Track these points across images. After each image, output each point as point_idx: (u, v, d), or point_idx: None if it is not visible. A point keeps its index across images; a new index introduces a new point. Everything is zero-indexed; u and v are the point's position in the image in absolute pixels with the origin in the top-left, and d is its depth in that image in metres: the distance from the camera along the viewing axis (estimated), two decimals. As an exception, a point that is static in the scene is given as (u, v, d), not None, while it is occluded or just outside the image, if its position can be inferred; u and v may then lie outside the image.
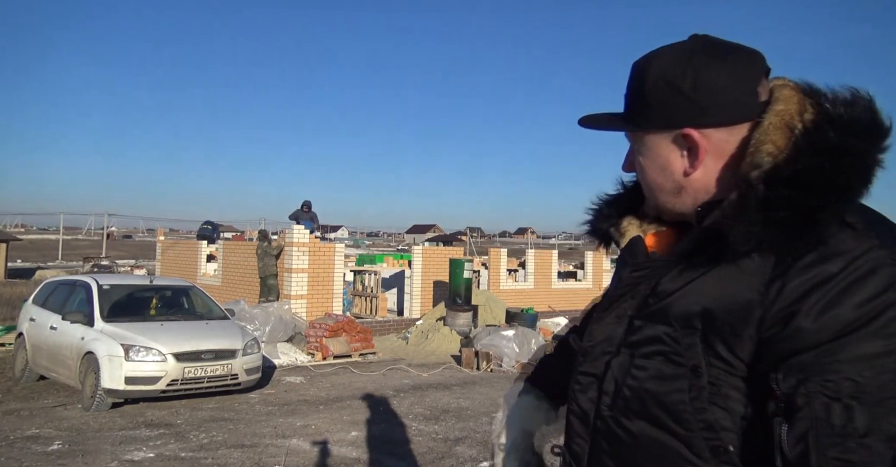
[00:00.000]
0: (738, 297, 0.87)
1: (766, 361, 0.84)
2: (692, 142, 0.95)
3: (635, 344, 0.97)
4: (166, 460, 5.39)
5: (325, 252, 13.08)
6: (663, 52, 0.97)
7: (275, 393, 8.17)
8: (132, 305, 8.29)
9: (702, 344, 0.89)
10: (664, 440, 0.91)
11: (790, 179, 0.86)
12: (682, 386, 0.90)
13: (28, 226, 75.36)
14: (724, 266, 0.90)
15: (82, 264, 27.40)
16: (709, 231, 0.92)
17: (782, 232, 0.85)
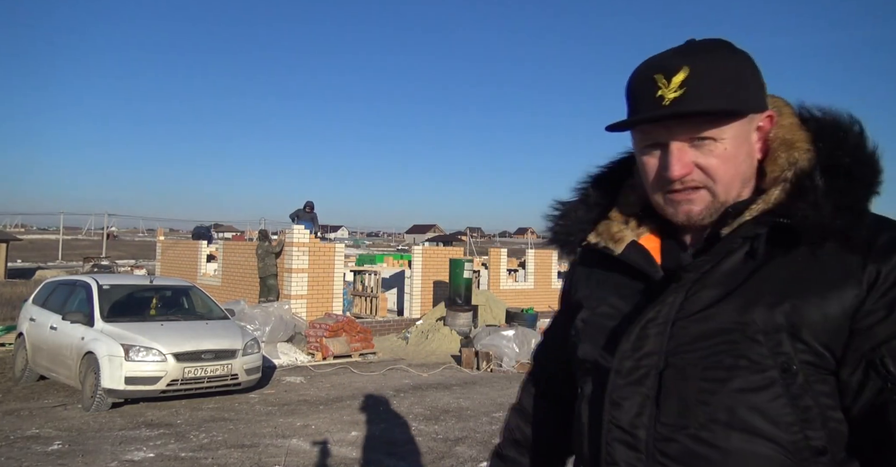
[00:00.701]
0: (829, 287, 0.88)
1: (864, 347, 0.86)
2: (768, 125, 0.98)
3: (694, 350, 0.92)
4: (166, 460, 5.39)
5: (325, 252, 13.08)
6: (716, 45, 0.96)
7: (275, 393, 8.17)
8: (132, 305, 8.28)
9: (789, 340, 0.88)
10: (763, 449, 0.88)
11: (847, 172, 0.92)
12: (777, 389, 0.88)
13: (28, 226, 75.33)
14: (793, 257, 0.91)
15: (82, 264, 27.39)
16: (776, 222, 0.92)
17: (850, 218, 0.89)
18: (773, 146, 0.99)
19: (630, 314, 1.01)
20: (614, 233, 1.08)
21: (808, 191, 0.92)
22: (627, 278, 1.05)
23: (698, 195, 0.96)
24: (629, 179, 1.13)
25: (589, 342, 1.07)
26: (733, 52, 0.95)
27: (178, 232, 42.06)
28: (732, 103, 0.92)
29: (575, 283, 1.18)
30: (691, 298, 0.94)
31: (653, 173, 0.98)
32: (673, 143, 0.95)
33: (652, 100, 0.94)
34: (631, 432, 0.96)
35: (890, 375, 0.83)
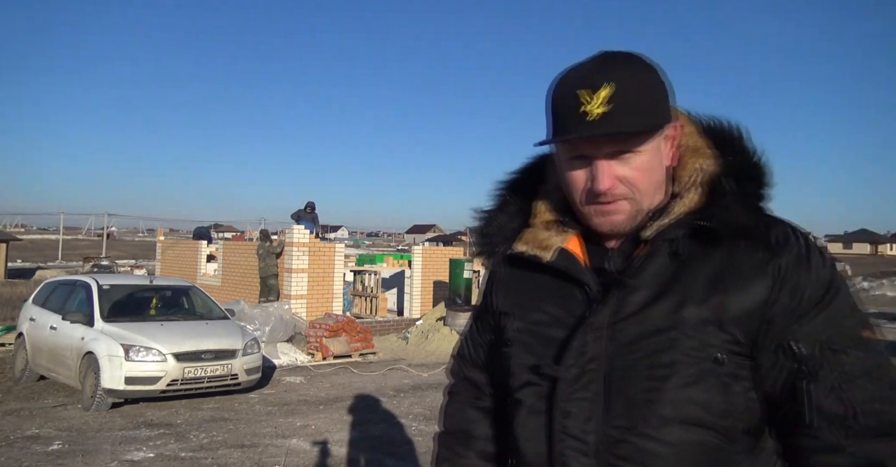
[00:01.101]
0: (746, 282, 0.96)
1: (775, 334, 0.95)
2: (676, 133, 1.05)
3: (636, 350, 0.98)
4: (166, 460, 5.39)
5: (325, 252, 13.08)
6: (634, 61, 1.00)
7: (275, 393, 8.17)
8: (132, 305, 8.28)
9: (716, 333, 0.95)
10: (704, 438, 0.95)
11: (752, 176, 1.02)
12: (711, 380, 0.95)
13: (28, 226, 75.31)
14: (712, 255, 0.99)
15: (82, 264, 27.40)
16: (694, 223, 0.99)
17: (756, 218, 1.00)
18: (682, 153, 1.06)
19: (566, 320, 1.04)
20: (542, 241, 1.10)
21: (720, 194, 1.00)
22: (558, 285, 1.07)
23: (621, 205, 1.02)
24: (543, 186, 1.16)
25: (527, 352, 1.08)
26: (649, 67, 1.00)
27: (178, 232, 42.06)
28: (655, 120, 0.98)
29: (495, 293, 1.19)
30: (625, 301, 0.99)
31: (580, 185, 1.03)
32: (600, 158, 0.99)
33: (577, 115, 0.96)
34: (582, 438, 0.98)
35: (798, 357, 0.94)
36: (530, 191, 1.17)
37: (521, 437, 1.08)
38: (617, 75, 0.96)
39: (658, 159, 1.02)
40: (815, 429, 0.93)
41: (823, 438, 0.92)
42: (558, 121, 1.01)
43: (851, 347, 0.94)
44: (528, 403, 1.07)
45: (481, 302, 1.27)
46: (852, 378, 0.92)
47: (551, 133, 1.03)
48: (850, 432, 0.91)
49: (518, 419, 1.09)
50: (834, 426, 0.91)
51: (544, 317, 1.07)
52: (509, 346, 1.12)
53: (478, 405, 1.28)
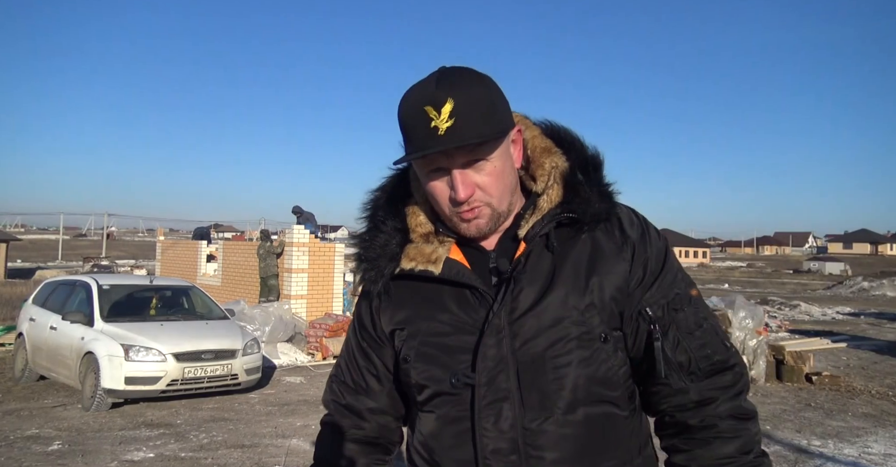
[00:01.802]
0: (612, 263, 1.10)
1: (633, 303, 1.10)
2: (518, 137, 1.13)
3: (538, 343, 1.06)
4: (166, 460, 5.39)
5: (325, 252, 13.08)
6: (467, 75, 1.06)
7: (275, 393, 8.17)
8: (132, 305, 8.28)
9: (598, 314, 1.07)
10: (603, 410, 1.08)
11: (597, 167, 1.15)
12: (603, 357, 1.07)
13: (28, 226, 75.34)
14: (580, 243, 1.11)
15: (82, 264, 27.41)
16: (560, 214, 1.10)
17: (608, 203, 1.12)
18: (535, 155, 1.16)
19: (466, 327, 1.09)
20: (429, 255, 1.13)
21: (578, 187, 1.12)
22: (451, 293, 1.11)
23: (482, 210, 1.09)
24: (410, 200, 1.20)
25: (432, 364, 1.11)
26: (483, 80, 1.07)
27: (178, 232, 42.08)
28: (496, 127, 1.04)
29: (381, 313, 1.20)
30: (517, 299, 1.07)
31: (443, 196, 1.08)
32: (455, 168, 1.05)
33: (428, 130, 1.02)
34: (504, 438, 1.04)
35: (651, 319, 1.09)
36: (396, 207, 1.20)
37: (437, 448, 1.11)
38: (455, 91, 1.02)
39: (508, 163, 1.09)
40: (667, 378, 1.10)
41: (673, 384, 1.10)
42: (412, 138, 1.05)
43: (686, 305, 1.12)
44: (442, 413, 1.10)
45: (361, 323, 1.26)
46: (689, 331, 1.11)
47: (407, 148, 1.08)
48: (693, 376, 1.10)
49: (431, 431, 1.12)
50: (680, 373, 1.09)
51: (442, 327, 1.11)
52: (408, 362, 1.14)
53: (357, 436, 1.27)
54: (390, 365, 1.23)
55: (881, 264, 53.43)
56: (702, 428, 1.10)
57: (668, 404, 1.12)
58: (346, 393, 1.29)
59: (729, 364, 1.12)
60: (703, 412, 1.10)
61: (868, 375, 9.64)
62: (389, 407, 1.26)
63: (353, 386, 1.28)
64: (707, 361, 1.10)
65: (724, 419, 1.09)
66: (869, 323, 17.49)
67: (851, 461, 5.52)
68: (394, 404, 1.26)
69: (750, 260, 74.31)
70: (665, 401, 1.12)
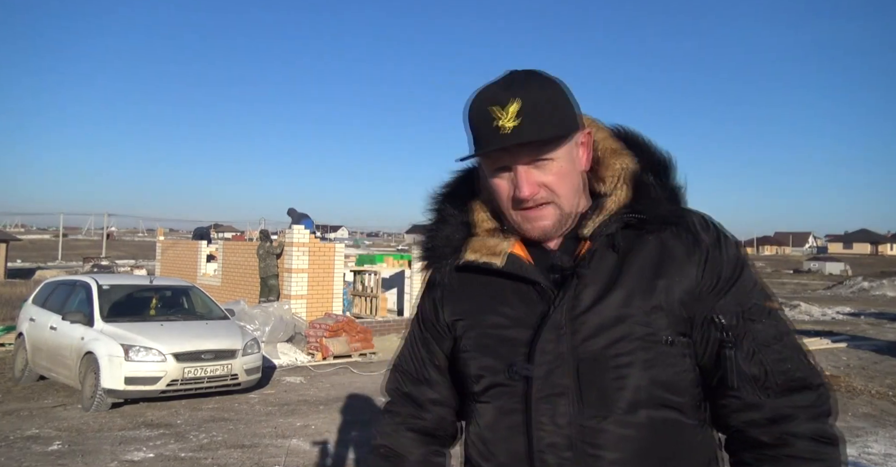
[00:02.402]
0: (681, 267, 1.08)
1: (704, 309, 1.07)
2: (587, 139, 1.14)
3: (598, 341, 1.05)
4: (166, 460, 5.39)
5: (325, 252, 13.08)
6: (536, 77, 1.09)
7: (275, 393, 8.17)
8: (132, 305, 8.28)
9: (665, 318, 1.05)
10: (667, 415, 1.05)
11: (668, 169, 1.14)
12: (668, 361, 1.05)
13: (28, 226, 75.37)
14: (646, 245, 1.09)
15: (82, 264, 27.41)
16: (627, 215, 1.09)
17: (678, 208, 1.11)
18: (604, 156, 1.16)
19: (526, 321, 1.10)
20: (492, 248, 1.16)
21: (645, 189, 1.11)
22: (512, 288, 1.13)
23: (548, 211, 1.10)
24: (476, 198, 1.23)
25: (490, 355, 1.12)
26: (551, 82, 1.09)
27: (178, 232, 42.09)
28: (560, 128, 1.06)
29: (444, 303, 1.23)
30: (579, 297, 1.07)
31: (506, 194, 1.11)
32: (518, 166, 1.07)
33: (493, 129, 1.05)
34: (559, 433, 1.04)
35: (723, 327, 1.05)
36: (464, 202, 1.24)
37: (490, 439, 1.13)
38: (522, 92, 1.05)
39: (572, 165, 1.11)
40: (737, 390, 1.05)
41: (745, 397, 1.05)
42: (477, 137, 1.09)
43: (764, 317, 1.08)
44: (497, 405, 1.12)
45: (423, 315, 1.30)
46: (766, 343, 1.06)
47: (473, 147, 1.11)
48: (766, 390, 1.04)
49: (487, 422, 1.14)
50: (753, 386, 1.04)
51: (502, 320, 1.12)
52: (467, 352, 1.16)
53: (416, 425, 1.29)
54: (450, 355, 1.24)
55: (881, 264, 53.44)
56: (775, 446, 1.03)
57: (739, 419, 1.06)
58: (407, 382, 1.32)
59: (811, 383, 1.05)
60: (777, 429, 1.03)
61: (868, 375, 9.64)
62: (448, 399, 1.28)
63: (414, 375, 1.31)
64: (784, 376, 1.04)
65: (802, 439, 1.02)
66: (869, 323, 17.48)
67: (851, 461, 5.51)
68: (452, 396, 1.28)
69: (750, 260, 74.08)
70: (736, 416, 1.06)
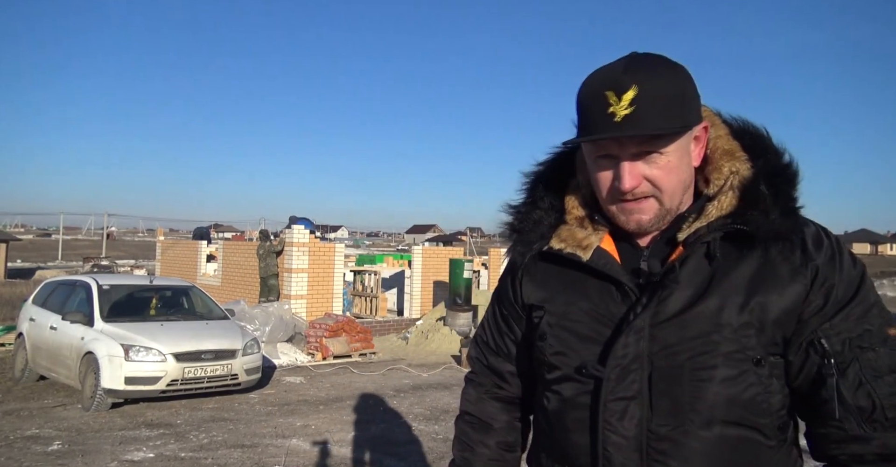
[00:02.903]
0: (784, 285, 1.01)
1: (805, 331, 1.00)
2: (703, 135, 1.07)
3: (679, 351, 1.01)
4: (166, 460, 5.39)
5: (325, 252, 13.08)
6: (660, 63, 1.01)
7: (275, 393, 8.17)
8: (132, 305, 8.27)
9: (756, 336, 0.99)
10: (743, 434, 1.00)
11: (788, 179, 1.05)
12: (752, 381, 1.00)
13: (28, 226, 75.36)
14: (748, 257, 1.02)
15: (82, 264, 27.41)
16: (729, 224, 1.02)
17: (793, 222, 1.02)
18: (715, 156, 1.08)
19: (603, 319, 1.07)
20: (581, 240, 1.11)
21: (757, 198, 1.03)
22: (594, 283, 1.09)
23: (647, 204, 1.04)
24: (573, 180, 1.17)
25: (564, 346, 1.10)
26: (675, 70, 1.01)
27: (178, 232, 42.07)
28: (678, 122, 0.99)
29: (523, 285, 1.20)
30: (664, 303, 1.02)
31: (606, 184, 1.05)
32: (624, 157, 1.01)
33: (604, 115, 0.98)
34: (625, 435, 1.02)
35: (826, 352, 0.99)
36: (558, 184, 1.18)
37: (559, 427, 1.11)
38: (641, 78, 0.97)
39: (685, 160, 1.03)
40: (841, 421, 0.98)
41: (850, 430, 0.98)
42: (585, 121, 1.03)
43: (879, 345, 0.99)
44: (568, 396, 1.10)
45: (504, 291, 1.27)
46: (879, 374, 0.98)
47: (579, 131, 1.05)
48: (876, 425, 0.97)
49: (555, 409, 1.12)
50: (860, 419, 0.97)
51: (580, 313, 1.09)
52: (544, 340, 1.13)
53: (499, 395, 1.32)
54: (527, 334, 1.23)
55: (881, 264, 53.43)
56: None
57: (842, 451, 1.00)
58: (488, 354, 1.32)
59: None
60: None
61: (868, 375, 9.62)
62: (526, 372, 1.27)
63: (494, 348, 1.31)
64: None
65: None
66: (869, 323, 17.45)
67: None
68: (530, 370, 1.26)
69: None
70: (838, 448, 1.00)
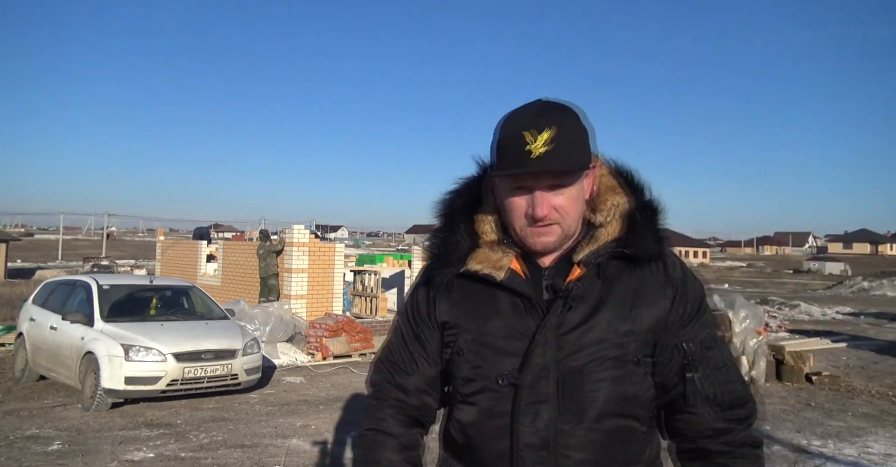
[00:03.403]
0: (655, 298, 1.24)
1: (670, 337, 1.25)
2: (593, 172, 1.27)
3: (579, 358, 1.20)
4: (166, 460, 5.39)
5: (325, 252, 13.08)
6: (568, 110, 1.20)
7: (275, 393, 8.17)
8: (132, 305, 8.28)
9: (635, 341, 1.22)
10: (626, 424, 1.22)
11: (655, 212, 1.28)
12: (634, 379, 1.22)
13: (28, 226, 75.43)
14: (629, 276, 1.24)
15: (82, 264, 27.42)
16: (616, 248, 1.23)
17: (661, 246, 1.26)
18: (601, 190, 1.30)
19: (517, 332, 1.23)
20: (495, 262, 1.27)
21: (636, 227, 1.25)
22: (507, 300, 1.25)
23: (553, 229, 1.22)
24: (480, 208, 1.33)
25: (482, 360, 1.25)
26: (579, 115, 1.20)
27: (178, 232, 42.09)
28: (583, 160, 1.19)
29: (438, 304, 1.33)
30: (567, 316, 1.21)
31: (521, 211, 1.22)
32: (538, 188, 1.19)
33: (523, 152, 1.15)
34: (539, 435, 1.19)
35: (686, 353, 1.24)
36: (469, 211, 1.34)
37: (475, 437, 1.26)
38: (555, 121, 1.16)
39: (582, 193, 1.24)
40: (693, 407, 1.25)
41: (699, 413, 1.25)
42: (506, 157, 1.19)
43: (715, 345, 1.29)
44: (485, 406, 1.24)
45: (416, 309, 1.37)
46: (717, 367, 1.27)
47: (499, 165, 1.21)
48: (716, 407, 1.25)
49: (472, 421, 1.26)
50: (707, 403, 1.25)
51: (495, 329, 1.24)
52: (461, 356, 1.27)
53: (401, 410, 1.39)
54: (438, 349, 1.34)
55: (881, 264, 53.45)
56: (721, 454, 1.26)
57: (692, 430, 1.27)
58: (395, 373, 1.41)
59: (746, 399, 1.29)
60: (722, 439, 1.25)
61: (868, 375, 9.65)
62: (433, 388, 1.38)
63: (403, 366, 1.39)
64: (730, 395, 1.26)
65: (741, 446, 1.26)
66: (869, 323, 17.49)
67: (851, 461, 5.52)
68: (437, 385, 1.38)
69: (750, 260, 74.28)
70: (690, 428, 1.27)
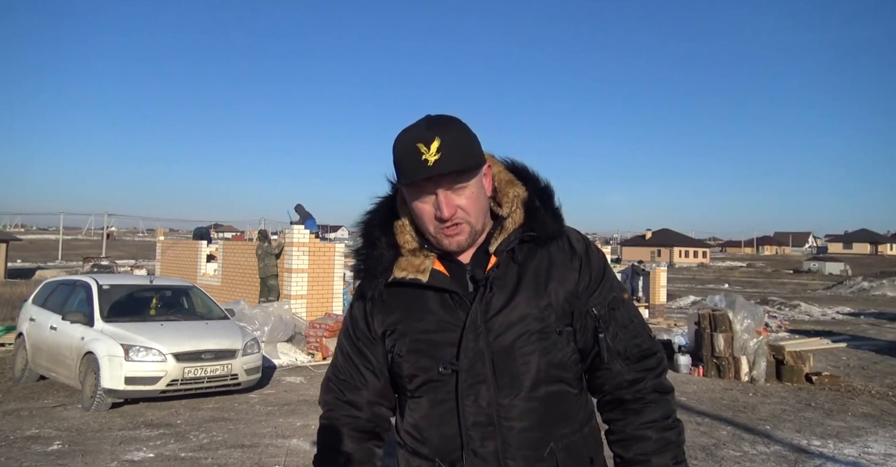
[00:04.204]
0: (564, 273, 1.38)
1: (581, 304, 1.39)
2: (489, 171, 1.41)
3: (507, 336, 1.32)
4: (166, 460, 5.39)
5: (325, 252, 13.08)
6: (452, 120, 1.33)
7: (275, 393, 8.17)
8: (132, 305, 8.28)
9: (554, 313, 1.35)
10: (559, 389, 1.36)
11: (550, 196, 1.43)
12: (559, 347, 1.36)
13: (28, 226, 75.43)
14: (538, 256, 1.38)
15: (82, 264, 27.43)
16: (522, 233, 1.37)
17: (560, 226, 1.41)
18: (501, 185, 1.43)
19: (450, 324, 1.34)
20: (417, 266, 1.38)
21: (536, 211, 1.39)
22: (436, 298, 1.37)
23: (462, 228, 1.34)
24: (397, 221, 1.43)
25: (422, 355, 1.36)
26: (462, 125, 1.34)
27: (178, 232, 42.10)
28: (475, 160, 1.32)
29: (374, 317, 1.44)
30: (491, 301, 1.33)
31: (429, 215, 1.33)
32: (440, 192, 1.30)
33: (419, 162, 1.27)
34: (483, 412, 1.31)
35: (596, 316, 1.38)
36: (387, 226, 1.44)
37: (425, 427, 1.37)
38: (441, 132, 1.28)
39: (481, 191, 1.36)
40: (607, 363, 1.39)
41: (613, 368, 1.39)
42: (405, 169, 1.30)
43: (621, 305, 1.42)
44: (431, 398, 1.36)
45: (356, 325, 1.48)
46: (624, 325, 1.41)
47: (402, 177, 1.33)
48: (626, 361, 1.40)
49: (423, 414, 1.37)
50: (618, 358, 1.39)
51: (429, 325, 1.36)
52: (402, 356, 1.38)
53: (353, 425, 1.49)
54: (383, 360, 1.45)
55: (881, 264, 53.43)
56: (634, 401, 1.40)
57: (609, 384, 1.41)
58: (345, 390, 1.50)
59: (653, 350, 1.43)
60: (634, 388, 1.40)
61: (868, 375, 9.65)
62: (384, 397, 1.49)
63: (351, 383, 1.49)
64: (638, 349, 1.41)
65: (651, 393, 1.40)
66: (869, 323, 17.50)
67: (851, 461, 5.52)
68: (388, 395, 1.49)
69: (750, 260, 74.32)
70: (607, 383, 1.42)
